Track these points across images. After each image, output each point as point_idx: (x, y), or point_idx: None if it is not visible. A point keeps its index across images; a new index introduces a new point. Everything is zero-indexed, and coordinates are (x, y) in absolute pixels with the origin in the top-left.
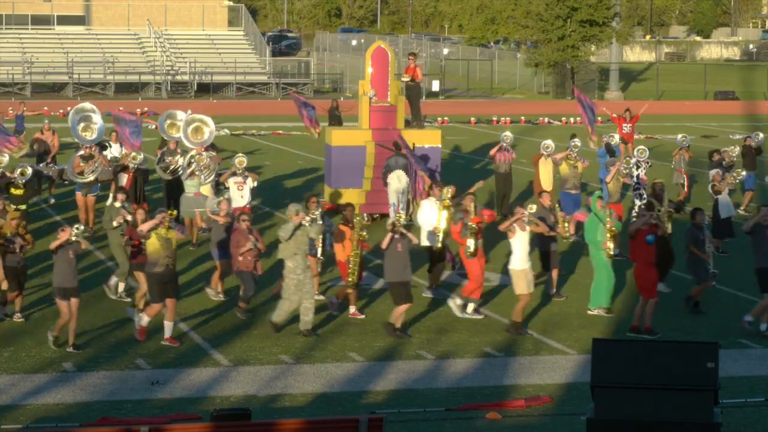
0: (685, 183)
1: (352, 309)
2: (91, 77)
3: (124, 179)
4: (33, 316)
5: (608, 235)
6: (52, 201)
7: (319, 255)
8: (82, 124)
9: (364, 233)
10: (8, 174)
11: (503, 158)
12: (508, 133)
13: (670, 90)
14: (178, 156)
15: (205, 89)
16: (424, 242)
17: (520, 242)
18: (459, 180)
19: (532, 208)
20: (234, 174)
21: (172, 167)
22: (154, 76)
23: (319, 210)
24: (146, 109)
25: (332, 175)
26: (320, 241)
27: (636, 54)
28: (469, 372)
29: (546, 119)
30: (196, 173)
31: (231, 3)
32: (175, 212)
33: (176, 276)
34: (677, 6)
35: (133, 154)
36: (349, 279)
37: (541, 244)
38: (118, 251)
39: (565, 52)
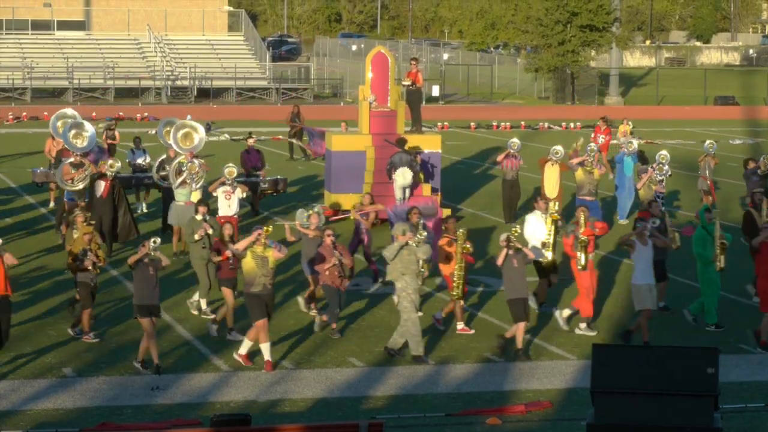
0: (711, 190)
1: (461, 325)
2: (91, 82)
3: (102, 187)
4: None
5: (719, 248)
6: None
7: (425, 274)
8: (73, 131)
9: (468, 246)
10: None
11: (510, 165)
12: (515, 140)
13: (670, 95)
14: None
15: (205, 94)
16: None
17: (641, 256)
18: (459, 184)
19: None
20: (223, 184)
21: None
22: (154, 81)
23: (421, 229)
24: (146, 114)
25: (332, 180)
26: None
27: (636, 59)
28: (469, 377)
29: (546, 124)
30: (187, 181)
31: (231, 8)
32: (271, 228)
33: (273, 296)
34: (677, 11)
35: (110, 161)
36: (454, 292)
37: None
38: (199, 266)
39: (565, 57)
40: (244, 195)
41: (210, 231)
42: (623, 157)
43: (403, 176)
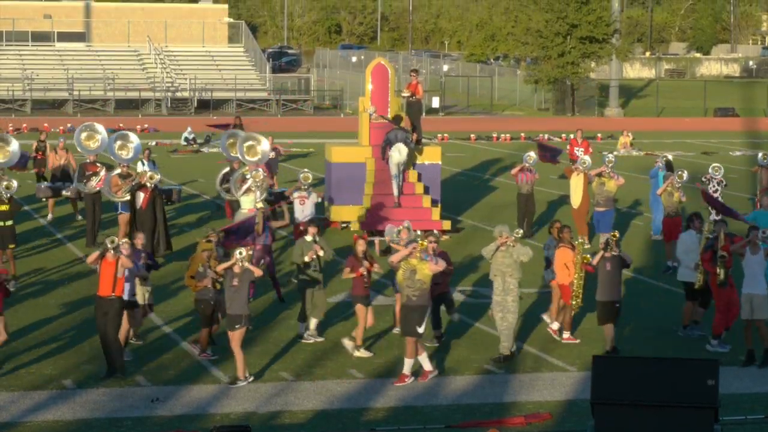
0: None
1: (566, 334)
2: (91, 94)
3: (141, 198)
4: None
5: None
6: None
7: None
8: (118, 143)
9: (588, 256)
10: None
11: (525, 179)
12: (531, 154)
13: (670, 106)
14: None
15: (205, 106)
16: (683, 277)
17: (752, 265)
18: (459, 196)
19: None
20: (298, 189)
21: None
22: (154, 92)
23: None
24: (146, 125)
25: (332, 191)
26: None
27: (636, 70)
28: (469, 389)
29: (546, 136)
30: (252, 189)
31: (231, 20)
32: (426, 243)
33: (422, 307)
34: (677, 22)
35: (150, 173)
36: (573, 302)
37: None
38: (317, 288)
39: (564, 69)
40: (319, 200)
41: (321, 253)
42: (657, 172)
43: (398, 152)
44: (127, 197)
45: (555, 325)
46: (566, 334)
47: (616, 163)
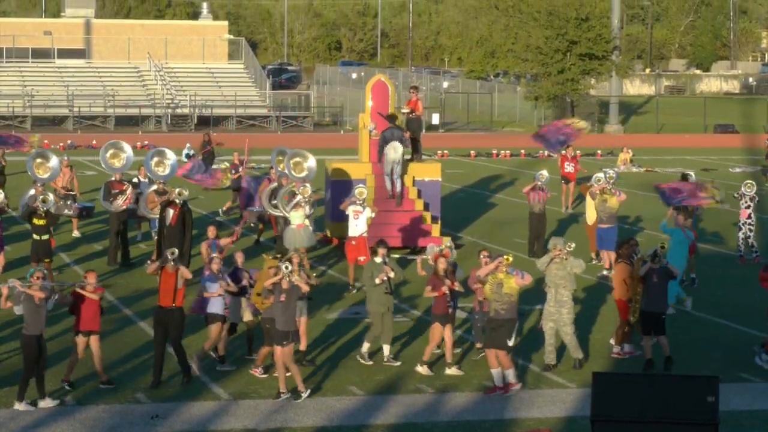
0: None
1: (617, 348)
2: (91, 110)
3: (171, 215)
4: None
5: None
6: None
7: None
8: (155, 159)
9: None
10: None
11: (537, 198)
12: (544, 173)
13: (670, 123)
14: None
15: (205, 122)
16: None
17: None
18: (459, 212)
19: None
20: (353, 203)
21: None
22: (154, 109)
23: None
24: (146, 142)
25: (332, 208)
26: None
27: (636, 87)
28: (469, 406)
29: (546, 153)
30: (302, 204)
31: (231, 36)
32: (511, 258)
33: (510, 320)
34: (677, 39)
35: (179, 189)
36: (631, 317)
37: None
38: (377, 311)
39: (564, 86)
40: (374, 214)
41: (391, 274)
42: None
43: (394, 150)
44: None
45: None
46: (625, 347)
47: (618, 179)
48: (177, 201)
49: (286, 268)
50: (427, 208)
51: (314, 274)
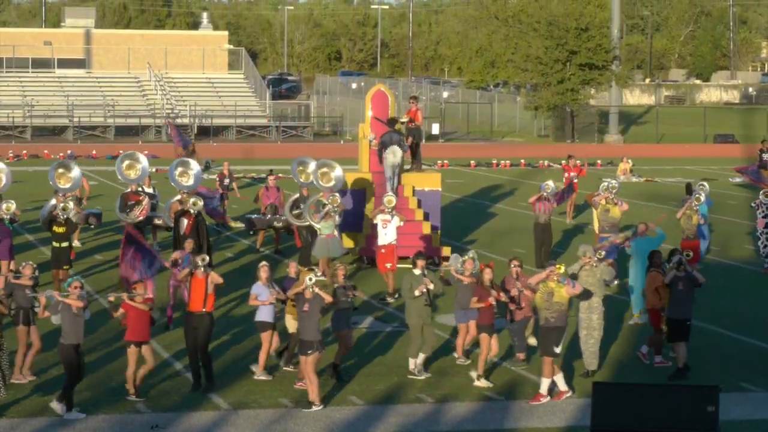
0: None
1: (659, 358)
2: (91, 120)
3: (185, 224)
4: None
5: None
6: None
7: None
8: (179, 169)
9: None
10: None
11: (543, 208)
12: (550, 183)
13: (670, 133)
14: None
15: (205, 132)
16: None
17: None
18: (459, 222)
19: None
20: (382, 212)
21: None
22: (154, 119)
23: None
24: (146, 152)
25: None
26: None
27: (635, 97)
28: (469, 415)
29: (546, 162)
30: (331, 214)
31: (231, 46)
32: (563, 268)
33: (559, 329)
34: (676, 49)
35: (193, 199)
36: (664, 326)
37: None
38: (416, 324)
39: (564, 96)
40: (402, 223)
41: (431, 286)
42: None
43: (393, 154)
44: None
45: (645, 348)
46: (656, 358)
47: (620, 189)
48: (191, 211)
49: (310, 279)
50: (427, 218)
51: (352, 284)
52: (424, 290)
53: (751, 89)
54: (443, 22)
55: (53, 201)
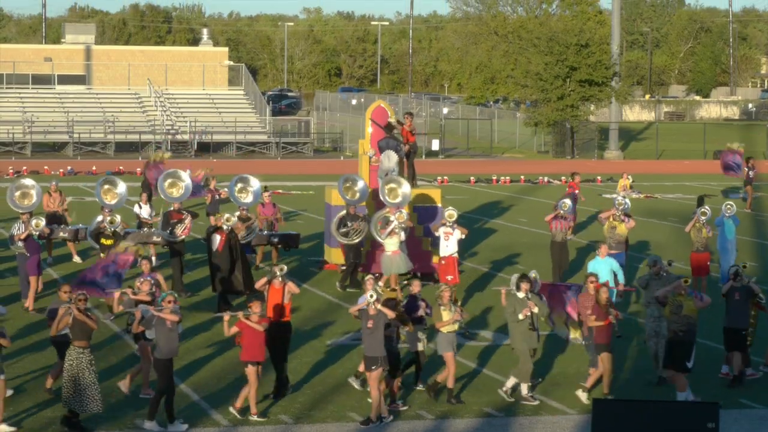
0: None
1: (750, 370)
2: (91, 136)
3: (218, 241)
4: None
5: None
6: (50, 260)
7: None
8: (239, 185)
9: (762, 296)
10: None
11: (559, 226)
12: (567, 201)
13: (670, 149)
14: (360, 221)
15: (205, 148)
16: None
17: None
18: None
19: None
20: (443, 225)
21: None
22: (154, 135)
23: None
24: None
25: (332, 234)
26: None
27: (635, 113)
28: None
29: (546, 179)
30: (396, 231)
31: (231, 63)
32: (690, 281)
33: (688, 341)
34: (676, 65)
35: (227, 216)
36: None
37: None
38: (524, 348)
39: (564, 112)
40: (464, 236)
41: (535, 309)
42: (723, 220)
43: (388, 159)
44: (249, 238)
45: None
46: (748, 371)
47: (628, 206)
48: (224, 227)
49: (371, 296)
50: (426, 234)
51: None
52: (529, 313)
53: (750, 105)
54: (443, 38)
55: (100, 217)
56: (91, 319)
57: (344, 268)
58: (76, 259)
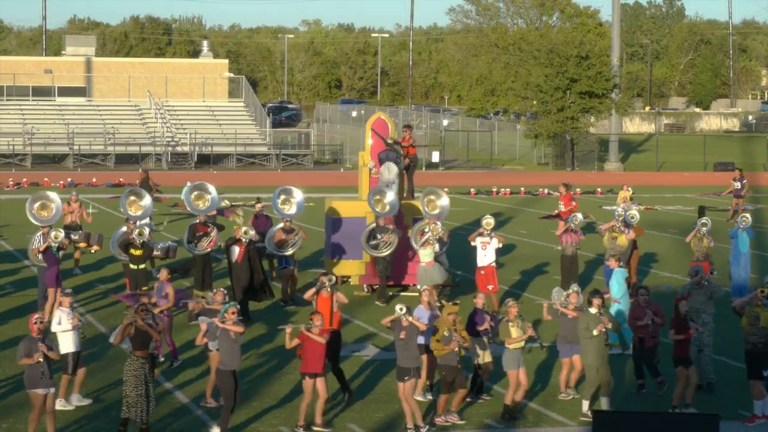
0: None
1: None
2: (91, 148)
3: (237, 252)
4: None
5: None
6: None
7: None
8: (282, 197)
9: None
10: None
11: (570, 240)
12: (578, 215)
13: (670, 161)
14: (390, 234)
15: (205, 160)
16: None
17: None
18: (459, 250)
19: None
20: (481, 234)
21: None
22: (154, 147)
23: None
24: (137, 181)
25: (332, 246)
26: None
27: (635, 125)
28: None
29: (546, 190)
30: (430, 242)
31: (231, 74)
32: (765, 290)
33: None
34: (676, 77)
35: (245, 228)
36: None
37: None
38: (593, 363)
39: (564, 124)
40: (501, 245)
41: (609, 326)
42: (737, 232)
43: (388, 171)
44: (290, 251)
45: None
46: None
47: (637, 218)
48: (243, 239)
49: (400, 309)
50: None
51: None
52: (603, 330)
53: (750, 117)
54: (443, 50)
55: (124, 228)
56: (154, 329)
57: (375, 285)
58: (77, 270)
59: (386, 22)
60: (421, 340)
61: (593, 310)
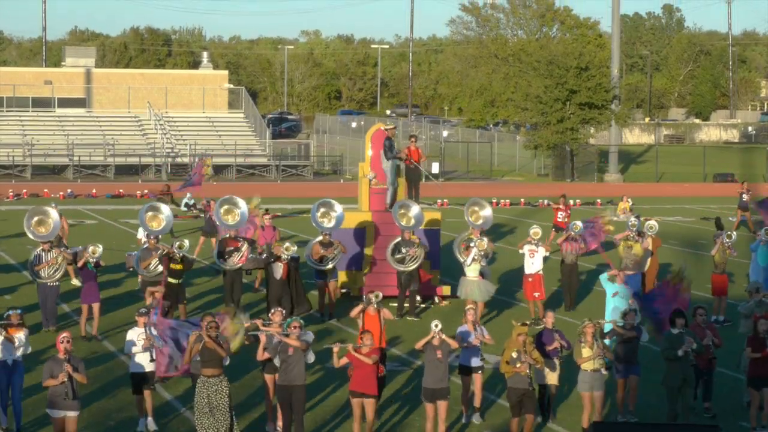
0: None
1: None
2: (91, 159)
3: (280, 269)
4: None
5: None
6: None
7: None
8: (321, 210)
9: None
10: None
11: (570, 248)
12: (578, 223)
13: (670, 172)
14: (416, 247)
15: None
16: None
17: None
18: (459, 262)
19: None
20: (528, 243)
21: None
22: (154, 158)
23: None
24: (146, 191)
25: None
26: None
27: (635, 136)
28: None
29: (545, 201)
30: (476, 258)
31: (231, 86)
32: None
33: None
34: (676, 88)
35: (287, 244)
36: None
37: None
38: (676, 384)
39: (564, 135)
40: (548, 254)
41: (694, 345)
42: (758, 246)
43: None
44: (329, 266)
45: None
46: None
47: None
48: (284, 256)
49: (435, 326)
50: (426, 257)
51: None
52: (689, 349)
53: (750, 128)
54: (443, 61)
55: (145, 245)
56: (222, 347)
57: (405, 298)
58: (75, 281)
59: (386, 33)
60: (476, 362)
61: (676, 330)
